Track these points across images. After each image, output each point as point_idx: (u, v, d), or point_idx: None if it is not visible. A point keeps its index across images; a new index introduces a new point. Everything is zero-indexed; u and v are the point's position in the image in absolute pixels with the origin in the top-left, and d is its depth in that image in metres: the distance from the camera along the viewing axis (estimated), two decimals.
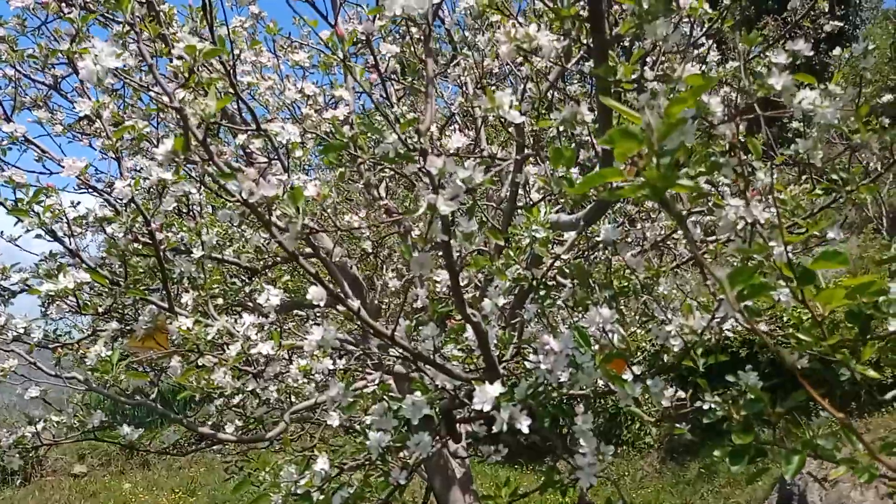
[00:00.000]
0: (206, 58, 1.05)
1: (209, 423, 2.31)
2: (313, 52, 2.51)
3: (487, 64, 2.66)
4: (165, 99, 1.05)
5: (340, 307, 1.18)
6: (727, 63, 2.28)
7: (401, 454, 1.61)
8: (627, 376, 1.53)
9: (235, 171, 1.02)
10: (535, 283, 1.57)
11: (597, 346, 1.42)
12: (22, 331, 2.15)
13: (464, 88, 2.78)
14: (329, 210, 2.37)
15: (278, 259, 2.55)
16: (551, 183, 1.18)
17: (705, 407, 1.61)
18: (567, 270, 1.74)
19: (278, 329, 1.73)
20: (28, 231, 1.62)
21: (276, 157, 2.10)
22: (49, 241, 1.72)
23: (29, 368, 2.16)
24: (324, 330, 1.36)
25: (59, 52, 1.83)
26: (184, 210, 1.85)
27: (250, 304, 2.09)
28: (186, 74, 1.08)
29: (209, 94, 1.07)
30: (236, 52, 2.13)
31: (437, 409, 1.65)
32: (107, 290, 1.64)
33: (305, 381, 1.94)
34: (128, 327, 1.94)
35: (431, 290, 2.13)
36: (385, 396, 1.49)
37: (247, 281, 2.22)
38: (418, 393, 1.44)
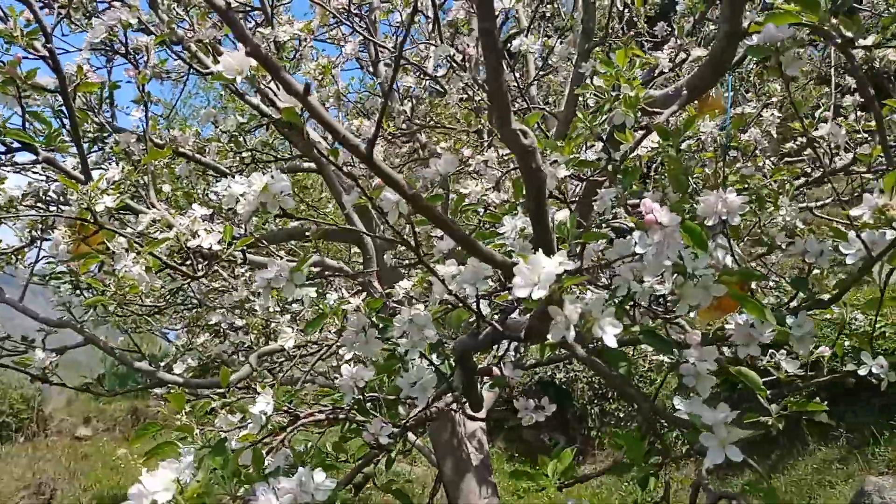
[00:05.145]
0: None
1: (164, 363, 1.81)
2: None
3: None
4: None
5: None
6: None
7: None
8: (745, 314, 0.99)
9: None
10: (614, 164, 1.04)
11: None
12: None
13: None
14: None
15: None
16: None
17: (862, 372, 1.06)
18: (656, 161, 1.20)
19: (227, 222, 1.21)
20: None
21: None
22: None
23: None
24: None
25: None
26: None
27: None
28: None
29: None
30: None
31: (452, 353, 1.12)
32: None
33: (277, 310, 1.44)
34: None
35: None
36: (369, 312, 0.97)
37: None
38: (420, 306, 0.91)
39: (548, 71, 1.83)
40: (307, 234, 1.85)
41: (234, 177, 1.20)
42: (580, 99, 1.68)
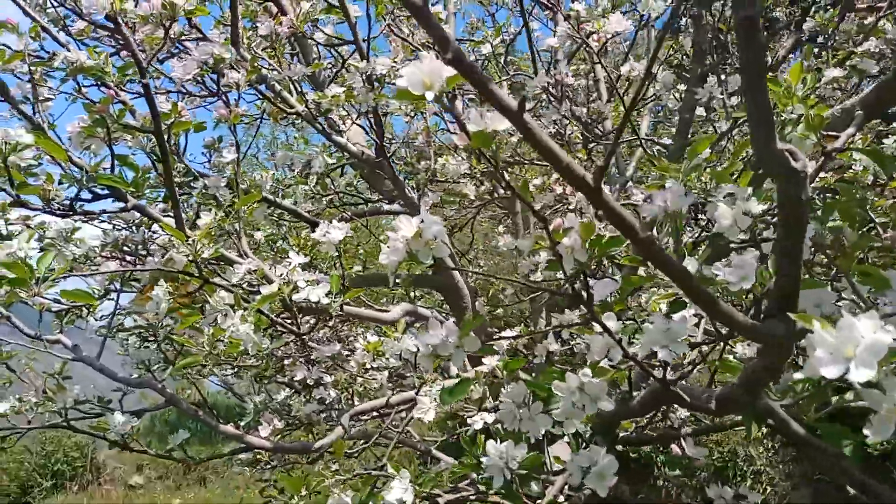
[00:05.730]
0: None
1: (244, 423, 1.68)
2: None
3: None
4: None
5: None
6: None
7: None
8: None
9: None
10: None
11: None
12: None
13: None
14: None
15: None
16: None
17: None
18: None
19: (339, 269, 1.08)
20: None
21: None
22: None
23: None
24: None
25: None
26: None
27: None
28: None
29: None
30: None
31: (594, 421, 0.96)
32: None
33: (373, 366, 1.30)
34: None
35: None
36: (522, 378, 0.81)
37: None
38: (587, 371, 0.75)
39: (649, 100, 1.70)
40: (396, 280, 1.72)
41: (330, 222, 1.08)
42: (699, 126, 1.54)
